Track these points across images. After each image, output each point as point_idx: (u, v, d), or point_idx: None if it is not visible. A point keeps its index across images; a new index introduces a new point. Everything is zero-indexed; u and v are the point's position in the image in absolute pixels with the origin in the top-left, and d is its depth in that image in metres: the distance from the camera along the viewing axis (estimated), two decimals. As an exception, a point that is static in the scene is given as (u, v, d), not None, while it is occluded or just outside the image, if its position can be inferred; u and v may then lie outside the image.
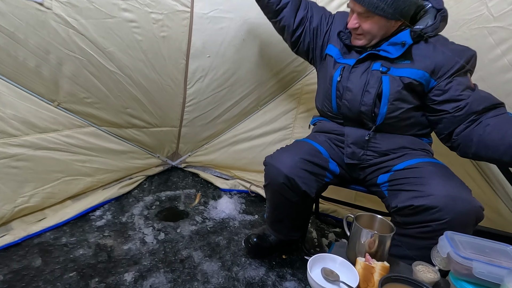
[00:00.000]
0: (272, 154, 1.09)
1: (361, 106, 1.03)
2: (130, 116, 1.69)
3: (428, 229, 0.81)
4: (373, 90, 1.01)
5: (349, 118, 1.09)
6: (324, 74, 1.16)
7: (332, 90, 1.10)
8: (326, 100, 1.16)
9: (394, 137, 1.06)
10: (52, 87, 1.35)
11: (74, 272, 1.13)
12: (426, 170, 0.92)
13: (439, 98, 0.98)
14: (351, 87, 1.05)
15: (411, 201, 0.84)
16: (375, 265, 0.64)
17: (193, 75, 1.74)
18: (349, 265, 0.67)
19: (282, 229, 1.24)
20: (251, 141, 1.96)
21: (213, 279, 1.16)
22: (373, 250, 0.69)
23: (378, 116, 1.02)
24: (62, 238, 1.31)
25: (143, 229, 1.42)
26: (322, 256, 0.69)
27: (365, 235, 0.69)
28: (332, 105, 1.12)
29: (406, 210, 0.85)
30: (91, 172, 1.61)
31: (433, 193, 0.82)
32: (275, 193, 1.07)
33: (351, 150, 1.08)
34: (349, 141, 1.08)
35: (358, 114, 1.05)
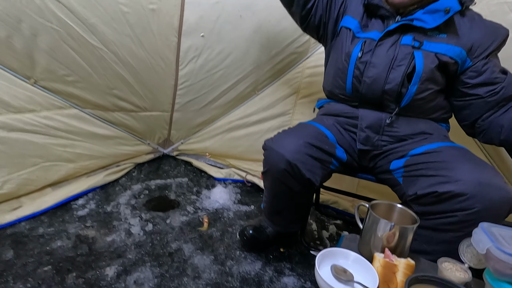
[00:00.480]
0: (273, 137, 0.97)
1: (386, 85, 0.92)
2: (117, 98, 1.55)
3: (452, 219, 0.71)
4: (402, 67, 0.89)
5: (367, 99, 0.97)
6: (338, 51, 1.03)
7: (348, 69, 0.97)
8: (339, 81, 1.03)
9: (414, 121, 0.95)
10: (27, 61, 1.21)
11: (49, 266, 1.01)
12: (449, 154, 0.82)
13: (473, 80, 0.88)
14: (376, 62, 0.92)
15: (435, 187, 0.74)
16: (397, 262, 0.54)
17: (186, 55, 1.61)
18: (365, 262, 0.56)
19: (281, 221, 1.14)
20: (248, 128, 1.84)
21: (205, 274, 1.06)
22: (392, 245, 0.59)
23: (404, 97, 0.91)
24: (38, 228, 1.19)
25: (130, 220, 1.31)
26: (332, 252, 0.58)
27: (383, 227, 0.58)
28: (346, 86, 1.00)
29: (428, 197, 0.75)
30: (74, 158, 1.48)
31: (461, 178, 0.71)
32: (275, 181, 0.96)
33: (365, 134, 0.97)
34: (364, 124, 0.97)
35: (379, 95, 0.93)
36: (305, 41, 1.63)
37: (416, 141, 0.92)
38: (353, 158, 1.03)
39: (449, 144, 0.88)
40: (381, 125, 0.96)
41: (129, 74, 1.50)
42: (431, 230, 0.74)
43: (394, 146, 0.95)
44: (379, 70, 0.92)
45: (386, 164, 0.96)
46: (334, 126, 1.03)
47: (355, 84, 0.98)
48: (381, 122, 0.96)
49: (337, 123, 1.04)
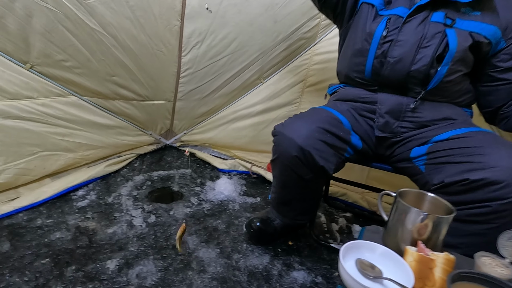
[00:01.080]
0: (284, 122, 0.91)
1: (412, 66, 0.84)
2: (117, 86, 1.49)
3: (485, 210, 0.65)
4: (432, 46, 0.82)
5: (389, 82, 0.89)
6: (358, 30, 0.95)
7: (370, 49, 0.90)
8: (357, 63, 0.95)
9: (438, 106, 0.88)
10: (21, 44, 1.15)
11: (47, 258, 0.97)
12: (479, 139, 0.75)
13: (504, 64, 0.82)
14: (403, 41, 0.84)
15: (465, 174, 0.67)
16: (435, 257, 0.48)
17: (189, 40, 1.54)
18: (395, 257, 0.50)
19: (289, 212, 1.08)
20: (253, 118, 1.78)
21: (210, 267, 1.01)
22: (424, 238, 0.52)
23: (432, 79, 0.83)
24: (37, 219, 1.15)
25: (131, 211, 1.26)
26: (356, 244, 0.52)
27: (414, 217, 0.52)
28: (366, 68, 0.92)
29: (456, 186, 0.68)
30: (73, 148, 1.43)
31: (496, 164, 0.65)
32: (285, 169, 0.89)
33: (384, 120, 0.90)
34: (383, 110, 0.90)
35: (404, 77, 0.86)
36: (314, 26, 1.55)
37: (440, 127, 0.85)
38: (368, 146, 0.97)
39: (476, 129, 0.82)
40: (402, 110, 0.89)
41: (129, 59, 1.43)
42: (459, 221, 0.68)
43: (415, 132, 0.88)
44: (405, 49, 0.84)
45: (405, 152, 0.89)
46: (348, 112, 0.96)
47: (376, 66, 0.90)
48: (401, 107, 0.89)
49: (352, 108, 0.97)
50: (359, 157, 0.97)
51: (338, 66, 1.09)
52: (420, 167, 0.83)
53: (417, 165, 0.85)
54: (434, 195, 0.60)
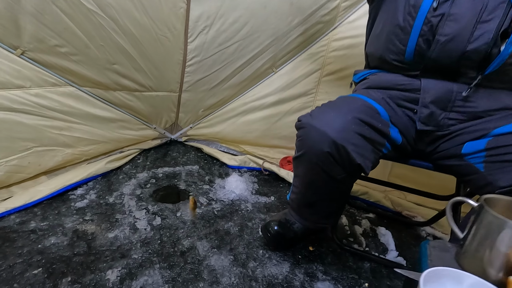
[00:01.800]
0: (311, 113, 0.77)
1: (469, 45, 0.70)
2: (118, 75, 1.37)
3: None
4: (494, 20, 0.68)
5: (436, 66, 0.75)
6: (398, 3, 0.81)
7: (414, 25, 0.75)
8: (396, 43, 0.81)
9: (496, 93, 0.74)
10: (10, 27, 1.02)
11: (40, 268, 0.85)
12: None
13: None
14: (458, 15, 0.70)
15: None
16: None
17: (196, 25, 1.40)
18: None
19: (312, 215, 0.96)
20: (264, 110, 1.65)
21: (224, 278, 0.89)
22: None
23: (494, 61, 0.69)
24: (30, 222, 1.04)
25: (135, 212, 1.14)
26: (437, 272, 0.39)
27: (510, 235, 0.39)
28: (407, 49, 0.78)
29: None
30: (71, 143, 1.31)
31: None
32: (312, 168, 0.76)
33: (429, 111, 0.77)
34: (428, 98, 0.77)
35: (457, 59, 0.72)
36: (334, 8, 1.40)
37: (499, 118, 0.71)
38: (407, 141, 0.83)
39: None
40: (451, 99, 0.75)
41: (131, 46, 1.30)
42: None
43: (466, 125, 0.75)
44: (461, 25, 0.70)
45: (454, 147, 0.75)
46: (384, 101, 0.83)
47: (421, 46, 0.76)
48: (450, 96, 0.75)
49: (388, 97, 0.83)
50: (397, 153, 0.84)
51: (369, 47, 0.94)
52: (477, 165, 0.70)
53: (472, 163, 0.71)
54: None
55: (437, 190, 1.22)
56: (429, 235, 1.21)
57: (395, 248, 1.10)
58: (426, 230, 1.24)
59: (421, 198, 1.34)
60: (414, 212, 1.34)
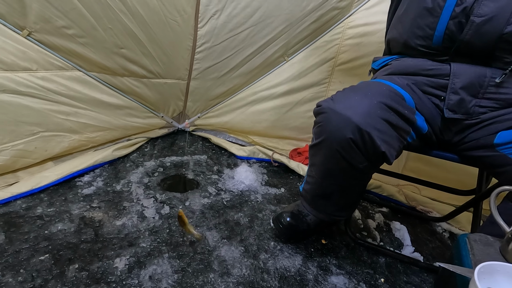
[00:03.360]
0: (333, 97, 0.72)
1: (508, 26, 0.65)
2: (126, 60, 1.32)
3: None
4: None
5: (469, 50, 0.70)
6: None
7: (445, 6, 0.70)
8: (423, 26, 0.76)
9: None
10: (16, 5, 0.98)
11: (46, 254, 0.83)
12: None
13: None
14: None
15: None
16: None
17: (207, 9, 1.35)
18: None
19: (328, 207, 0.91)
20: (274, 100, 1.60)
21: (235, 269, 0.86)
22: None
23: None
24: (36, 208, 1.01)
25: (142, 201, 1.12)
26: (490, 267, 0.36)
27: None
28: (436, 33, 0.73)
29: None
30: (78, 128, 1.28)
31: None
32: (332, 155, 0.72)
33: (458, 98, 0.72)
34: (458, 84, 0.72)
35: (494, 42, 0.67)
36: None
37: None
38: (433, 130, 0.78)
39: None
40: (483, 84, 0.70)
41: (139, 29, 1.26)
42: None
43: (500, 113, 0.70)
44: (500, 4, 0.65)
45: (485, 137, 0.71)
46: (409, 87, 0.77)
47: (452, 29, 0.71)
48: (483, 81, 0.70)
49: (413, 83, 0.78)
50: (421, 143, 0.79)
51: (392, 32, 0.88)
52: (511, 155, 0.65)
53: (505, 153, 0.66)
54: None
55: (455, 184, 1.17)
56: (445, 231, 1.17)
57: (410, 243, 1.07)
58: (442, 226, 1.20)
59: (436, 192, 1.30)
60: (429, 207, 1.29)
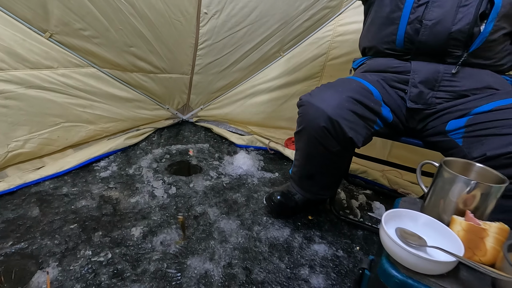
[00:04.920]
0: (311, 92, 0.87)
1: (453, 26, 0.78)
2: (135, 57, 1.46)
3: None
4: (473, 3, 0.76)
5: (425, 49, 0.83)
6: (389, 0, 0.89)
7: (402, 14, 0.84)
8: (387, 32, 0.90)
9: (478, 73, 0.82)
10: (40, 11, 1.12)
11: (75, 224, 1.00)
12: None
13: None
14: (441, 1, 0.79)
15: (511, 147, 0.63)
16: (487, 226, 0.45)
17: (207, 9, 1.48)
18: (441, 226, 0.47)
19: (312, 187, 1.06)
20: (271, 93, 1.73)
21: (232, 238, 1.02)
22: (471, 209, 0.49)
23: (476, 39, 0.77)
24: (62, 188, 1.18)
25: (152, 182, 1.27)
26: (397, 213, 0.50)
27: (461, 186, 0.49)
28: (398, 37, 0.86)
29: (501, 159, 0.64)
30: (93, 120, 1.44)
31: None
32: (311, 141, 0.86)
33: (418, 90, 0.85)
34: (417, 79, 0.85)
35: (444, 40, 0.80)
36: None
37: (481, 98, 0.79)
38: (399, 119, 0.92)
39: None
40: (438, 79, 0.83)
41: (147, 29, 1.39)
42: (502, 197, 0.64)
43: (451, 104, 0.83)
44: (445, 9, 0.78)
45: (440, 125, 0.84)
46: (378, 82, 0.91)
47: (410, 33, 0.84)
48: (437, 76, 0.83)
49: (382, 79, 0.92)
50: (389, 130, 0.93)
51: (363, 41, 1.02)
52: (457, 140, 0.78)
53: (453, 138, 0.80)
54: (483, 165, 0.56)
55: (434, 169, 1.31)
56: (420, 210, 1.31)
57: (387, 219, 1.21)
58: (419, 206, 1.33)
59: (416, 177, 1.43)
60: (409, 190, 1.43)
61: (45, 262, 0.84)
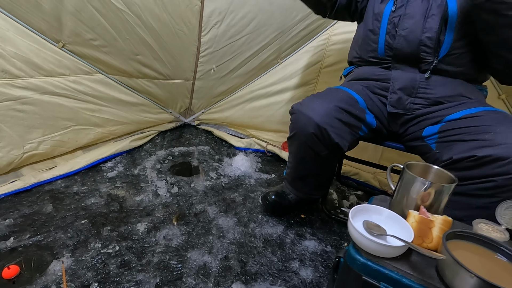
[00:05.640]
0: (302, 101, 0.95)
1: (423, 35, 0.88)
2: (141, 64, 1.56)
3: (489, 184, 0.68)
4: (437, 14, 0.86)
5: (402, 55, 0.93)
6: (368, 15, 1.02)
7: (381, 27, 0.95)
8: (370, 43, 1.00)
9: (451, 82, 0.90)
10: (55, 23, 1.22)
11: (85, 219, 1.09)
12: (491, 118, 0.78)
13: None
14: (412, 13, 0.90)
15: (473, 151, 0.71)
16: (434, 218, 0.54)
17: (209, 20, 1.57)
18: (399, 218, 0.56)
19: (304, 187, 1.15)
20: (269, 98, 1.82)
21: (229, 234, 1.10)
22: (427, 204, 0.58)
23: (442, 45, 0.87)
24: (73, 186, 1.27)
25: (156, 182, 1.36)
26: (365, 208, 0.58)
27: (418, 186, 0.57)
28: (379, 46, 0.97)
29: (464, 162, 0.72)
30: (101, 123, 1.53)
31: (503, 142, 0.68)
32: (301, 145, 0.95)
33: (397, 96, 0.94)
34: (396, 86, 0.94)
35: (416, 46, 0.90)
36: (334, 5, 1.53)
37: (453, 106, 0.88)
38: (382, 124, 1.00)
39: (488, 108, 0.83)
40: (415, 86, 0.92)
41: (152, 38, 1.49)
42: (467, 196, 0.72)
43: (428, 110, 0.91)
44: (415, 20, 0.89)
45: (418, 131, 0.92)
46: (363, 90, 1.00)
47: (388, 41, 0.94)
48: (415, 83, 0.92)
49: (366, 87, 1.00)
50: (373, 135, 1.01)
51: (351, 53, 1.13)
52: (432, 145, 0.87)
53: (428, 143, 0.88)
54: (439, 167, 0.65)
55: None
56: (408, 210, 1.39)
57: (375, 218, 1.29)
58: (407, 206, 1.41)
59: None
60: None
61: (60, 253, 0.93)
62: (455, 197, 0.73)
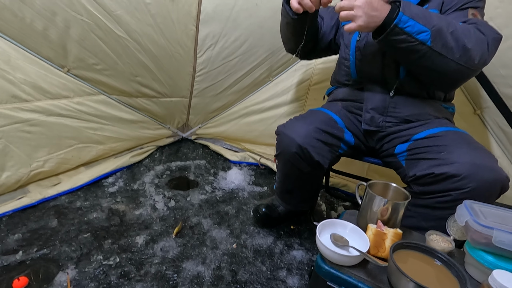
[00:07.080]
0: (285, 123, 1.05)
1: (384, 59, 0.98)
2: (140, 85, 1.66)
3: (447, 198, 0.77)
4: None
5: (370, 76, 1.03)
6: (341, 47, 1.14)
7: (350, 53, 1.06)
8: (344, 68, 1.12)
9: (418, 102, 1.00)
10: (61, 51, 1.33)
11: (88, 233, 1.17)
12: (449, 138, 0.87)
13: None
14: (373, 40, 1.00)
15: (432, 169, 0.80)
16: (387, 231, 0.62)
17: (203, 43, 1.68)
18: (360, 231, 0.64)
19: (291, 200, 1.23)
20: (262, 113, 1.92)
21: (222, 245, 1.18)
22: (386, 218, 0.66)
23: (401, 67, 0.97)
24: (76, 202, 1.35)
25: (154, 196, 1.45)
26: (332, 222, 0.67)
27: (378, 202, 0.66)
28: (351, 69, 1.07)
29: (426, 178, 0.81)
30: (103, 140, 1.62)
31: (457, 160, 0.77)
32: (286, 163, 1.04)
33: (370, 115, 1.04)
34: (369, 106, 1.04)
35: (381, 68, 1.00)
36: (320, 28, 1.64)
37: (420, 125, 0.97)
38: (360, 141, 1.09)
39: (451, 129, 0.93)
40: (386, 105, 1.01)
41: (150, 61, 1.59)
42: (429, 208, 0.81)
43: (399, 128, 1.00)
44: (377, 47, 0.98)
45: (391, 148, 1.01)
46: (342, 111, 1.10)
47: (358, 64, 1.05)
48: (385, 103, 1.02)
49: (344, 108, 1.11)
50: (353, 151, 1.10)
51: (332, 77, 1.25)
52: (402, 161, 0.96)
53: (399, 160, 0.97)
54: (397, 185, 0.73)
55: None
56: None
57: (361, 228, 1.37)
58: (392, 216, 1.49)
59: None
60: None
61: (65, 265, 1.01)
62: (421, 209, 0.83)
